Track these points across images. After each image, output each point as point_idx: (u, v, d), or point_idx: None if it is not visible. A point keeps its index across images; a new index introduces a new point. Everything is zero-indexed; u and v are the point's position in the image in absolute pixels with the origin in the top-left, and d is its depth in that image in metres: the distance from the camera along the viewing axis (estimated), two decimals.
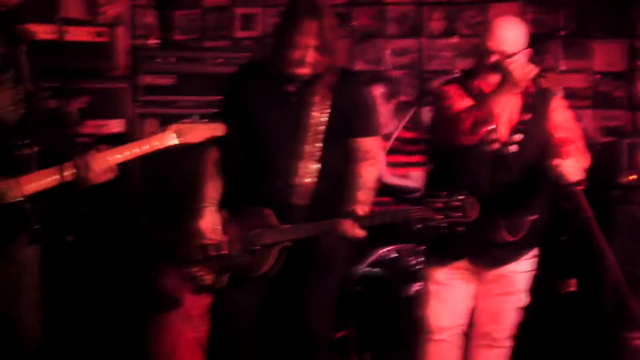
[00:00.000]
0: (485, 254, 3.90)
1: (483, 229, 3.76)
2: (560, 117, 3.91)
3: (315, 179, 3.76)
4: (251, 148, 3.71)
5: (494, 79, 3.74)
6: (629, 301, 3.60)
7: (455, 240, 3.78)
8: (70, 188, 3.23)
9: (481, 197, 3.66)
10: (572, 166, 3.63)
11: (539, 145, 3.82)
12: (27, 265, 3.39)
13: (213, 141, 3.56)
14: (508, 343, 4.08)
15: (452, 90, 3.88)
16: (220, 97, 3.98)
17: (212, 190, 3.86)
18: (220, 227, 3.82)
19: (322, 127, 3.74)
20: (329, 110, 3.74)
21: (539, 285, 4.17)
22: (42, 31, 3.81)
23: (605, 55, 6.24)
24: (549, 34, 6.25)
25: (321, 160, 3.76)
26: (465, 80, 3.91)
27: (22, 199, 3.18)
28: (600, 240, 3.47)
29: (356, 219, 3.62)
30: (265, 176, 3.76)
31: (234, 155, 3.70)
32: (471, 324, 4.05)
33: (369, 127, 3.86)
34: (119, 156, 3.34)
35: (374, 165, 3.85)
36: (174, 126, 3.44)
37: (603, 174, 5.38)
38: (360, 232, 3.63)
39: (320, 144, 3.75)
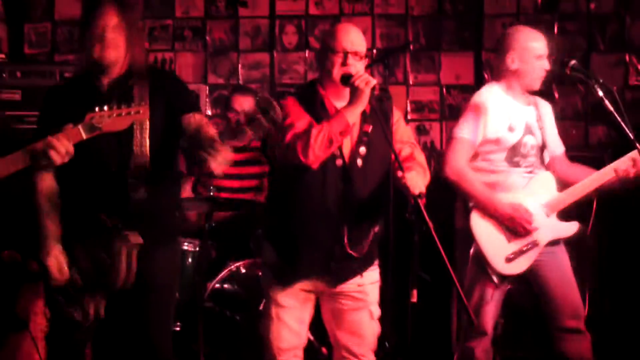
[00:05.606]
0: (327, 270, 3.81)
1: (326, 243, 3.75)
2: (401, 129, 3.92)
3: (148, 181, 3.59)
4: (80, 165, 3.53)
5: (341, 91, 3.74)
6: (468, 311, 3.64)
7: (296, 261, 3.78)
8: None
9: (326, 212, 3.67)
10: (416, 178, 3.62)
11: (382, 157, 3.77)
12: None
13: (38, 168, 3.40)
14: (370, 357, 3.99)
15: (292, 106, 3.81)
16: (38, 113, 3.79)
17: (52, 224, 3.63)
18: (66, 264, 3.60)
19: (148, 129, 3.56)
20: (150, 111, 3.44)
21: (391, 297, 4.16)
22: None
23: (453, 69, 6.41)
24: (398, 47, 6.39)
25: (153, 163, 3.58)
26: (307, 95, 3.86)
27: None
28: (441, 250, 3.49)
29: None
30: (96, 189, 3.59)
31: (66, 175, 3.55)
32: (334, 343, 4.00)
33: (192, 104, 3.74)
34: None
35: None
36: (89, 115, 3.22)
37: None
38: None
39: (150, 148, 3.56)
